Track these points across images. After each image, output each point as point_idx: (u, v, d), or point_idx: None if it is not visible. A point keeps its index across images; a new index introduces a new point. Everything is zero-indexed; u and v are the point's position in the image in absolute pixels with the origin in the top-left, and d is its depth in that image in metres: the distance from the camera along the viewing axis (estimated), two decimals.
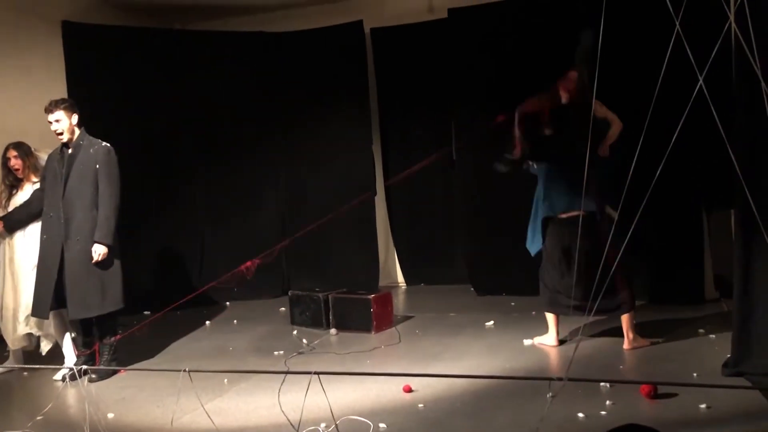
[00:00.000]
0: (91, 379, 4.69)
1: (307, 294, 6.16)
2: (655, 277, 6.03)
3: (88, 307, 4.79)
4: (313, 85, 7.79)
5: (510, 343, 5.08)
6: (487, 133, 6.85)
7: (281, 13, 8.14)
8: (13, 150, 5.17)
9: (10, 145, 5.20)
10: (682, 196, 5.84)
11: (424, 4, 7.79)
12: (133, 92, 7.37)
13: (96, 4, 7.43)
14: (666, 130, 3.17)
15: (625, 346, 4.68)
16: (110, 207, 4.81)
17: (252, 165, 7.94)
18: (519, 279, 6.92)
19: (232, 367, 4.86)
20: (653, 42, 3.70)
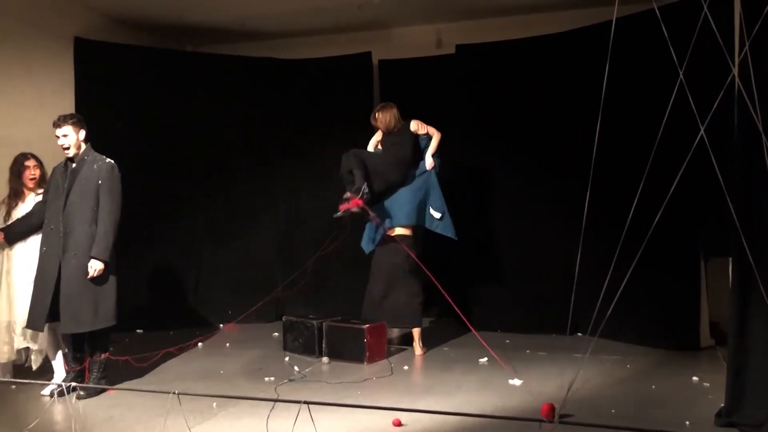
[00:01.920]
0: (79, 396, 4.65)
1: (301, 321, 6.14)
2: (651, 322, 6.01)
3: (80, 323, 4.78)
4: (318, 113, 7.86)
5: (503, 380, 5.05)
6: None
7: (291, 41, 8.26)
8: (33, 159, 5.22)
9: (28, 154, 5.24)
10: (680, 242, 5.84)
11: (433, 38, 7.90)
12: (140, 111, 7.44)
13: (110, 22, 7.53)
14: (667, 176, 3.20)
15: (417, 353, 5.90)
16: (109, 223, 4.82)
17: (253, 189, 7.97)
18: (515, 316, 6.93)
19: (222, 390, 4.83)
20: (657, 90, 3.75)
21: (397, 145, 6.14)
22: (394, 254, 6.05)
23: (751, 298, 3.65)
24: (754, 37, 2.94)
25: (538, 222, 6.92)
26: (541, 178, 6.92)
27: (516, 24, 7.37)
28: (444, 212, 6.15)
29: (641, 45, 5.30)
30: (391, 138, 6.17)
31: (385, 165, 6.05)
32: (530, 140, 6.96)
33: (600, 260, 4.14)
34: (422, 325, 6.13)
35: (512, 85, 7.10)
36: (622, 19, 3.86)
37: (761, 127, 2.85)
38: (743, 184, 3.78)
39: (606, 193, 5.13)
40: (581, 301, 4.83)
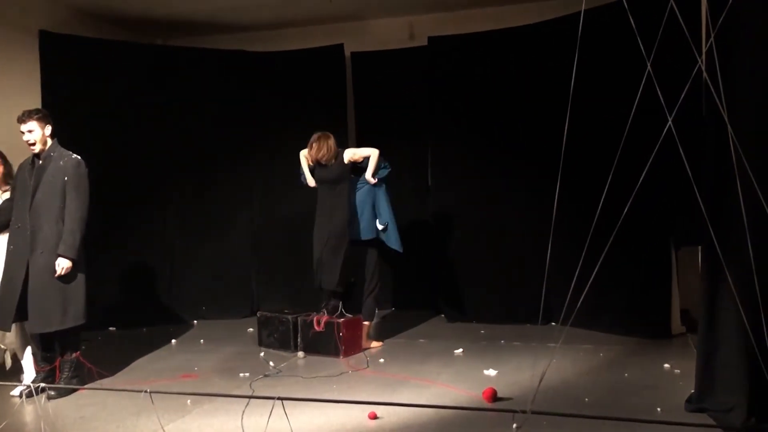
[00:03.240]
0: (49, 397, 4.58)
1: (275, 316, 6.11)
2: (623, 311, 6.08)
3: (48, 322, 4.70)
4: (291, 106, 7.81)
5: (478, 371, 5.08)
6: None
7: (263, 34, 8.18)
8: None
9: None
10: (651, 232, 5.91)
11: (405, 31, 7.88)
12: (109, 105, 7.32)
13: (76, 15, 7.38)
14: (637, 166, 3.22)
15: (363, 345, 5.91)
16: (76, 220, 4.74)
17: (226, 183, 7.91)
18: (490, 307, 6.97)
19: (196, 387, 4.79)
20: (626, 81, 3.77)
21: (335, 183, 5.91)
22: (361, 253, 6.09)
23: (721, 286, 3.71)
24: (719, 28, 2.97)
25: (511, 213, 6.96)
26: (513, 170, 6.95)
27: (488, 16, 7.39)
28: (387, 223, 6.05)
29: (610, 36, 5.33)
30: (325, 171, 5.93)
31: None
32: (502, 132, 6.99)
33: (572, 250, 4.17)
34: (372, 320, 6.13)
35: (484, 77, 7.12)
36: (591, 10, 3.88)
37: (727, 117, 2.88)
38: (712, 174, 3.83)
39: (577, 183, 5.18)
40: (554, 291, 4.87)
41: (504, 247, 6.99)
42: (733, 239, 3.41)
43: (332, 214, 5.88)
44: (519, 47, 6.91)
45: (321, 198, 5.99)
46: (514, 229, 6.93)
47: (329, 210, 5.90)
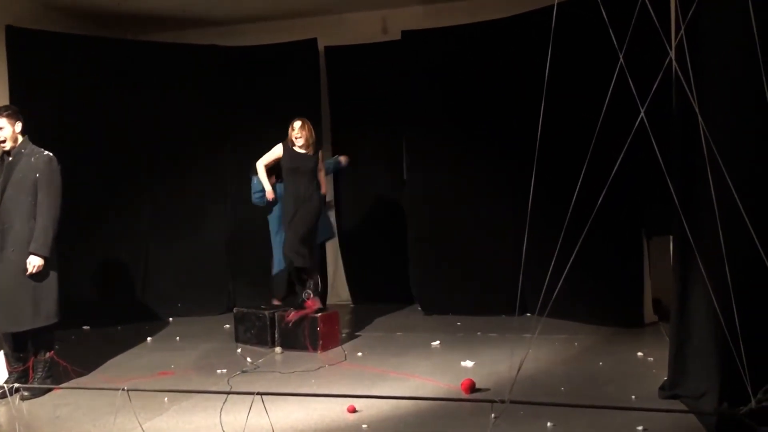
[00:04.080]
0: (23, 397, 4.51)
1: (252, 312, 6.08)
2: (597, 300, 6.16)
3: (19, 321, 4.63)
4: (264, 101, 7.76)
5: (455, 363, 5.11)
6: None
7: (236, 28, 8.11)
8: None
9: None
10: (624, 222, 5.99)
11: (378, 25, 7.87)
12: (79, 101, 7.21)
13: (44, 10, 7.25)
14: (609, 158, 3.27)
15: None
16: (48, 218, 4.67)
17: (199, 179, 7.85)
18: (466, 299, 7.02)
19: (173, 385, 4.75)
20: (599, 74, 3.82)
21: (309, 173, 5.92)
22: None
23: (692, 275, 3.78)
24: (689, 21, 3.02)
25: (486, 204, 7.01)
26: (488, 162, 7.00)
27: (461, 9, 7.41)
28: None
29: (583, 29, 5.38)
30: (300, 160, 5.93)
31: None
32: (477, 124, 7.02)
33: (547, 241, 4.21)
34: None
35: (458, 71, 7.15)
36: (564, 3, 3.91)
37: (698, 108, 2.93)
38: (682, 164, 3.89)
39: (551, 175, 5.22)
40: (529, 282, 4.94)
41: (479, 239, 7.04)
42: (704, 228, 3.47)
43: (306, 200, 5.86)
44: (492, 40, 6.94)
45: (292, 187, 5.92)
46: (489, 220, 6.98)
47: (302, 198, 5.86)
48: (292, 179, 5.93)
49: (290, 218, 5.86)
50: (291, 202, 5.89)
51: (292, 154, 5.94)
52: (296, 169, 5.92)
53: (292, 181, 5.93)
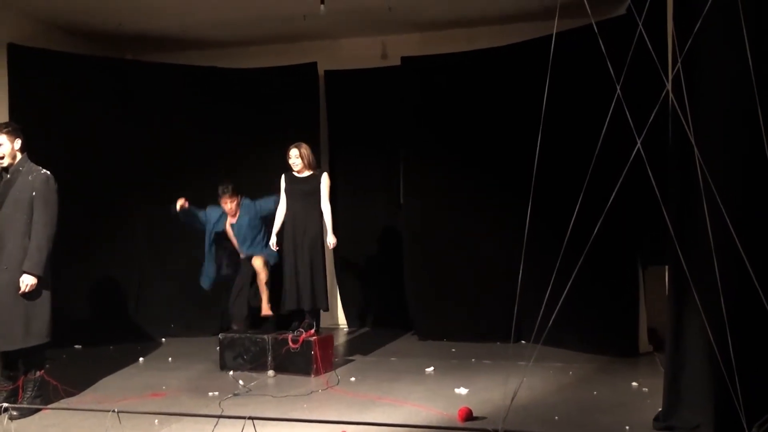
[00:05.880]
0: (12, 417, 4.45)
1: (246, 336, 6.01)
2: (592, 329, 6.15)
3: (11, 340, 4.59)
4: (263, 123, 7.79)
5: (449, 389, 5.08)
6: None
7: (235, 50, 8.16)
8: None
9: None
10: (619, 251, 6.01)
11: (378, 50, 7.94)
12: (77, 119, 7.23)
13: (45, 29, 7.30)
14: (606, 187, 3.29)
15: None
16: (43, 236, 4.65)
17: (195, 200, 7.82)
18: (461, 325, 7.00)
19: (164, 407, 4.70)
20: (596, 104, 3.86)
21: (309, 195, 5.89)
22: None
23: (687, 305, 3.78)
24: (686, 54, 3.06)
25: (482, 231, 7.02)
26: (485, 189, 7.02)
27: (460, 37, 7.49)
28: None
29: (581, 59, 5.44)
30: (298, 184, 5.92)
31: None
32: (474, 152, 7.06)
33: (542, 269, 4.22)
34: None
35: (456, 98, 7.20)
36: (562, 33, 3.96)
37: (693, 140, 2.96)
38: (678, 195, 3.91)
39: (548, 203, 5.24)
40: (525, 310, 4.90)
41: (475, 266, 7.04)
42: (699, 259, 3.49)
43: (304, 229, 5.84)
44: (491, 68, 7.01)
45: (290, 212, 5.91)
46: (485, 247, 6.98)
47: (300, 225, 5.84)
48: (291, 203, 5.92)
49: (293, 258, 5.80)
50: (290, 226, 5.87)
51: (291, 179, 5.95)
52: (293, 193, 5.91)
53: (291, 205, 5.92)
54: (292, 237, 5.84)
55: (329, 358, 5.88)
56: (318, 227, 5.86)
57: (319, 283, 5.80)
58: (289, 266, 5.82)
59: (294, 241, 5.83)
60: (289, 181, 5.95)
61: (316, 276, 5.79)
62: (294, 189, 5.92)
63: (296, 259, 5.79)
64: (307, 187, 5.89)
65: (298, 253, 5.80)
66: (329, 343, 5.94)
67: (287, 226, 5.90)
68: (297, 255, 5.80)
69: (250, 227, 6.45)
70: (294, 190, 5.91)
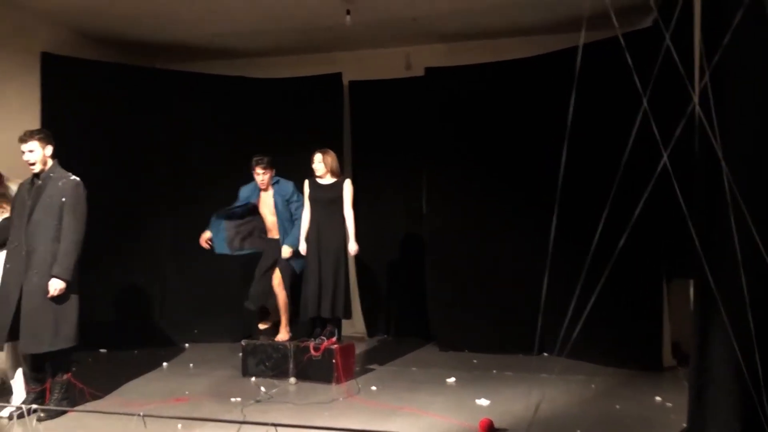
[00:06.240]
0: (39, 418, 4.54)
1: (268, 343, 6.06)
2: (615, 342, 6.10)
3: (39, 342, 4.67)
4: (287, 133, 7.86)
5: (470, 400, 5.06)
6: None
7: (261, 60, 8.27)
8: None
9: None
10: (644, 265, 5.96)
11: (402, 61, 7.99)
12: (107, 127, 7.37)
13: (78, 38, 7.46)
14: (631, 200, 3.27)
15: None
16: (72, 241, 4.74)
17: (219, 206, 7.89)
18: (482, 336, 6.97)
19: (187, 411, 4.75)
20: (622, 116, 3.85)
21: (332, 202, 5.91)
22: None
23: (712, 319, 3.73)
24: (714, 66, 3.04)
25: (506, 242, 7.00)
26: (509, 200, 7.01)
27: (485, 48, 7.51)
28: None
29: (607, 71, 5.42)
30: (320, 191, 5.96)
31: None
32: (498, 163, 7.06)
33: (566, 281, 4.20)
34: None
35: (480, 109, 7.21)
36: (588, 45, 3.96)
37: (721, 154, 2.94)
38: (704, 207, 3.88)
39: (572, 215, 5.21)
40: (547, 322, 4.89)
41: (498, 276, 7.02)
42: (726, 272, 3.45)
43: (328, 236, 5.87)
44: (515, 79, 7.02)
45: (314, 218, 5.95)
46: (508, 258, 6.97)
47: (324, 232, 5.88)
48: (314, 209, 5.97)
49: (315, 265, 5.82)
50: (313, 233, 5.91)
51: (315, 185, 6.00)
52: (317, 200, 5.96)
53: (315, 211, 5.96)
54: (315, 243, 5.87)
55: (350, 367, 5.90)
56: (341, 234, 5.88)
57: (341, 290, 5.83)
58: (312, 273, 5.84)
59: (317, 247, 5.86)
60: (313, 188, 6.00)
61: (339, 284, 5.81)
62: (317, 195, 5.96)
63: (319, 266, 5.82)
64: (330, 194, 5.93)
65: (321, 260, 5.83)
66: (351, 351, 5.96)
67: (310, 232, 5.93)
68: (320, 262, 5.83)
69: (284, 211, 6.20)
70: (317, 196, 5.96)
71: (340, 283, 5.82)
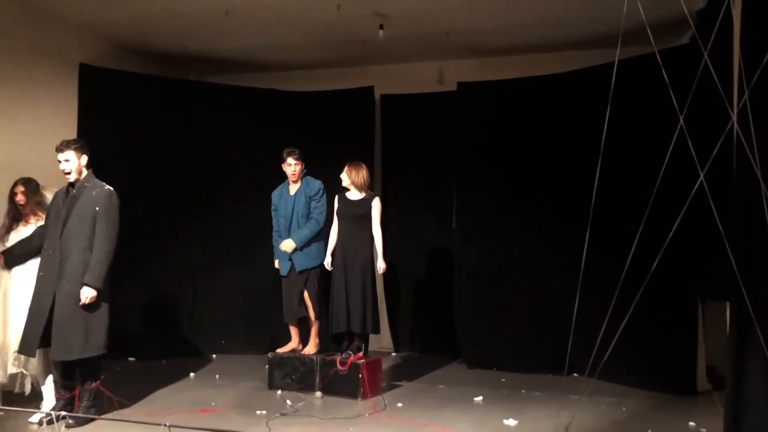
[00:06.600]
0: (68, 425, 4.58)
1: (295, 356, 6.05)
2: (647, 364, 5.96)
3: (70, 350, 4.72)
4: (319, 146, 7.85)
5: (497, 420, 4.98)
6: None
7: (294, 73, 8.34)
8: (21, 186, 5.23)
9: (19, 181, 5.25)
10: (678, 286, 5.83)
11: (434, 75, 7.98)
12: (140, 137, 7.49)
13: (115, 50, 7.61)
14: (666, 220, 3.21)
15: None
16: (104, 250, 4.80)
17: (250, 218, 7.96)
18: (511, 354, 6.88)
19: (213, 423, 4.75)
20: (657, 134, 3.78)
21: (360, 218, 5.86)
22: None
23: (749, 343, 3.63)
24: (754, 85, 2.98)
25: (536, 260, 6.92)
26: (541, 218, 6.93)
27: (518, 63, 7.47)
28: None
29: (642, 88, 5.36)
30: (349, 207, 5.92)
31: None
32: (530, 179, 6.99)
33: (598, 301, 4.13)
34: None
35: (513, 124, 7.17)
36: (624, 61, 3.91)
37: (760, 174, 2.87)
38: (741, 229, 3.78)
39: (605, 234, 5.14)
40: (578, 342, 4.82)
41: (528, 295, 6.93)
42: (764, 294, 3.36)
43: (354, 252, 5.86)
44: (549, 95, 6.96)
45: (341, 234, 5.95)
46: (538, 276, 6.88)
47: (350, 247, 5.86)
48: (341, 225, 5.97)
49: (342, 280, 5.81)
50: (341, 248, 5.91)
51: (343, 200, 6.00)
52: (344, 216, 5.95)
53: (342, 227, 5.97)
54: (342, 259, 5.86)
55: (377, 382, 5.85)
56: (368, 250, 5.86)
57: (370, 306, 5.80)
58: (339, 288, 5.83)
59: (343, 263, 5.85)
60: (341, 203, 6.00)
61: (368, 299, 5.79)
62: (344, 211, 5.95)
63: (346, 280, 5.81)
64: (358, 210, 5.91)
65: (348, 275, 5.82)
66: (377, 367, 5.92)
67: (338, 247, 5.93)
68: (347, 277, 5.82)
69: (304, 208, 6.08)
70: (344, 212, 5.95)
71: (369, 298, 5.80)
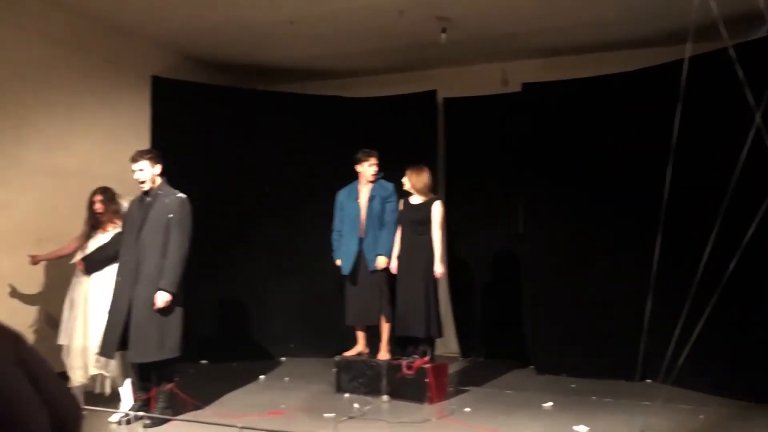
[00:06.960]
0: (145, 425, 4.75)
1: (362, 360, 6.09)
2: (726, 371, 5.73)
3: (146, 352, 4.89)
4: (383, 152, 7.89)
5: (567, 427, 4.88)
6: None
7: (357, 80, 8.41)
8: (99, 194, 5.45)
9: (97, 190, 5.48)
10: (757, 287, 5.58)
11: (498, 77, 7.90)
12: (212, 147, 7.71)
13: (186, 62, 7.86)
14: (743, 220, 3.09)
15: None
16: (178, 256, 4.95)
17: (317, 224, 8.06)
18: (581, 360, 6.73)
19: (283, 425, 4.83)
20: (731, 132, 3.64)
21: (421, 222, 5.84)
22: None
23: None
24: None
25: (606, 263, 6.75)
26: (610, 219, 6.77)
27: (584, 62, 7.32)
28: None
29: (715, 84, 5.18)
30: (411, 211, 5.90)
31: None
32: (599, 181, 6.83)
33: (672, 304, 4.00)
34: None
35: (580, 125, 7.02)
36: (694, 57, 3.78)
37: None
38: None
39: (678, 235, 4.98)
40: (651, 347, 4.67)
41: (599, 298, 6.76)
42: None
43: (413, 256, 5.84)
44: (615, 94, 6.80)
45: (403, 239, 5.96)
46: (608, 280, 6.70)
47: (409, 252, 5.86)
48: (403, 229, 5.98)
49: (404, 284, 5.83)
50: (403, 252, 5.93)
51: (406, 204, 6.01)
52: (406, 220, 5.95)
53: (404, 232, 5.97)
54: (405, 263, 5.87)
55: (444, 387, 5.83)
56: (429, 254, 5.84)
57: (433, 310, 5.79)
58: (401, 293, 5.85)
59: (406, 267, 5.85)
60: (404, 208, 6.01)
61: (430, 304, 5.77)
62: (405, 215, 5.96)
63: (407, 285, 5.81)
64: (419, 214, 5.90)
65: (410, 280, 5.81)
66: (444, 371, 5.90)
67: (401, 251, 5.94)
68: (409, 281, 5.81)
69: (379, 209, 6.04)
70: (405, 216, 5.96)
71: (431, 303, 5.78)
